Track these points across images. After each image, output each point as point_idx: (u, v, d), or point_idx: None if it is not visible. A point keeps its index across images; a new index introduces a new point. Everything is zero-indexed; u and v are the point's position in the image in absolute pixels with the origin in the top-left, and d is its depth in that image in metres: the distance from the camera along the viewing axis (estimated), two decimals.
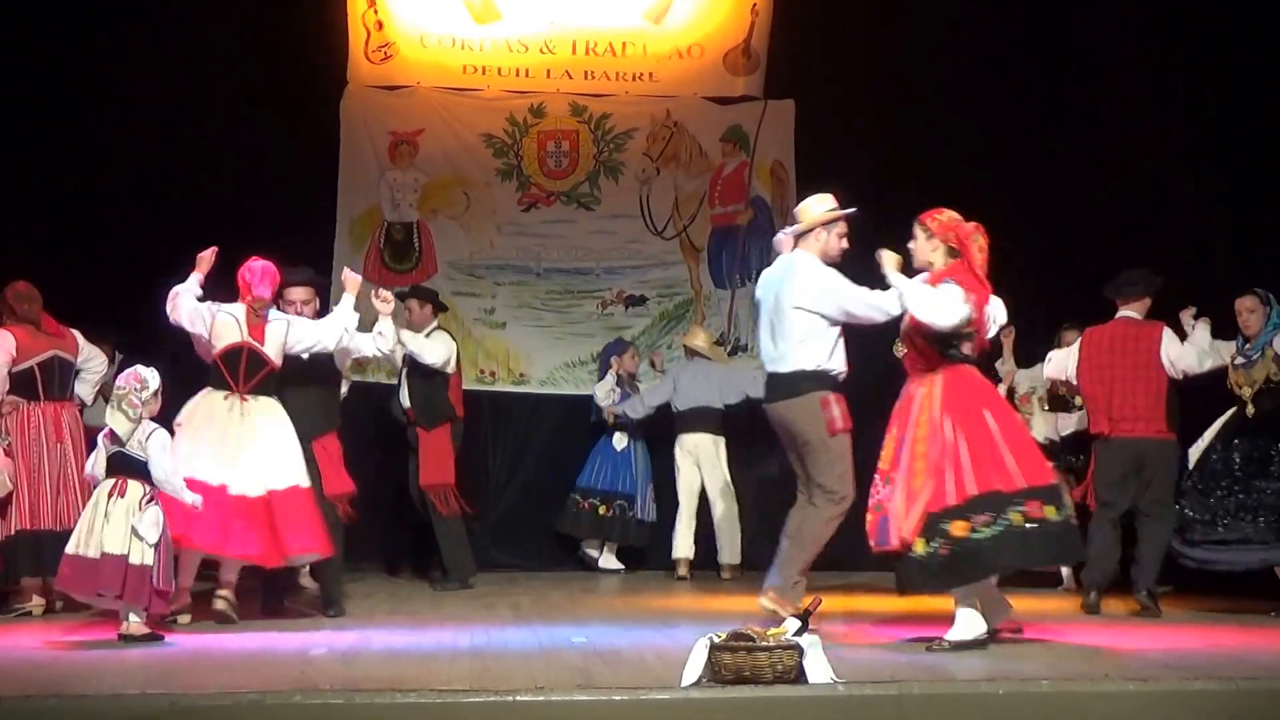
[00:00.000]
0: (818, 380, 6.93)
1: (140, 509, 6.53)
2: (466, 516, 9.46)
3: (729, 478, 10.26)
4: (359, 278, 7.83)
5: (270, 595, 7.79)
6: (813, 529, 6.94)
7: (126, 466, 6.64)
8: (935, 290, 6.47)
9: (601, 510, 10.33)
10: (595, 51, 10.95)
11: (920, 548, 6.30)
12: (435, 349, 9.09)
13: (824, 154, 10.77)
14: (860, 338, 7.18)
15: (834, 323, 6.95)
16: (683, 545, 10.20)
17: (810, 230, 7.15)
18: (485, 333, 10.76)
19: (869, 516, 6.53)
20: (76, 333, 8.13)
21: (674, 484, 10.32)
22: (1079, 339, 8.37)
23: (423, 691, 5.08)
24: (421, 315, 9.32)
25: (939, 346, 6.49)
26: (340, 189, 10.76)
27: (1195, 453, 8.08)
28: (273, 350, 7.45)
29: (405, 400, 9.27)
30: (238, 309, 7.47)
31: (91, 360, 8.08)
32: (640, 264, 10.95)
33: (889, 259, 6.62)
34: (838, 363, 7.02)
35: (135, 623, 6.55)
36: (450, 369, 9.22)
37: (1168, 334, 8.03)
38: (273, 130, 10.21)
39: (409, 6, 10.79)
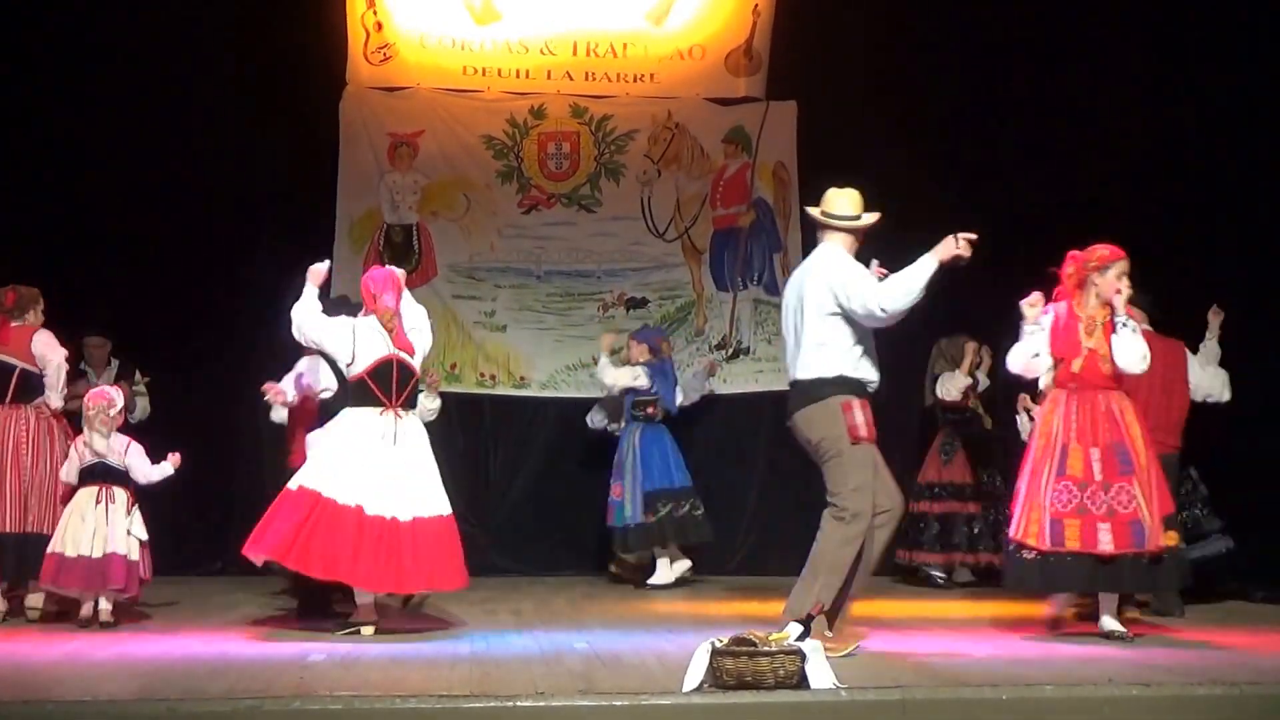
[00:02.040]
0: (841, 385, 6.45)
1: (128, 513, 7.37)
2: (466, 520, 9.48)
3: None
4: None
5: (310, 601, 7.65)
6: (824, 554, 6.35)
7: (107, 475, 7.43)
8: None
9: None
10: (596, 53, 10.93)
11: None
12: None
13: (826, 155, 10.74)
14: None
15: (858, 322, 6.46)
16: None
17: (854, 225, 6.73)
18: (485, 336, 10.73)
19: (1073, 521, 6.77)
20: (39, 337, 7.82)
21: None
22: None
23: (423, 697, 5.08)
24: None
25: None
26: (339, 191, 10.72)
27: None
28: (420, 360, 7.30)
29: None
30: (372, 321, 7.18)
31: (45, 367, 7.79)
32: (641, 266, 10.92)
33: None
34: (866, 370, 6.52)
35: (106, 609, 7.29)
36: None
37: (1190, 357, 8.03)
38: (272, 132, 10.19)
39: (408, 7, 10.76)
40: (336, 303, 9.25)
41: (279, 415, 8.06)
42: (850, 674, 5.38)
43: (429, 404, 7.81)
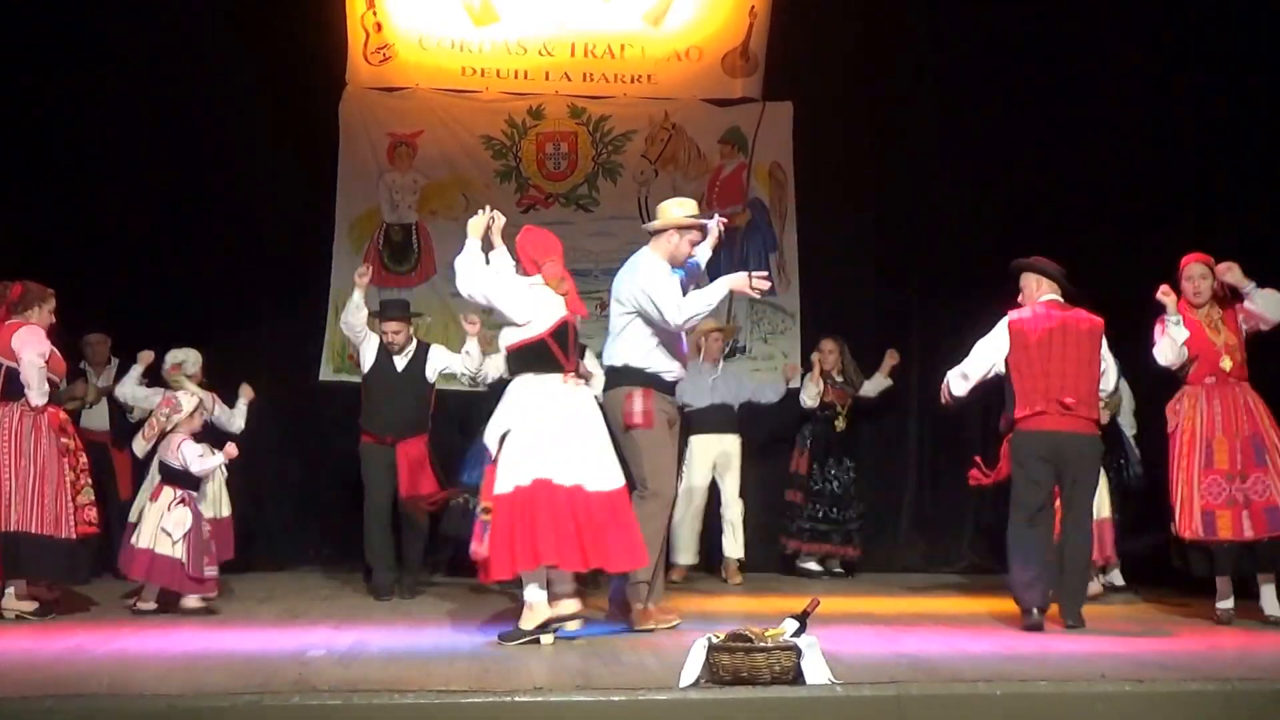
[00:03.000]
0: (630, 376, 7.11)
1: (169, 510, 7.79)
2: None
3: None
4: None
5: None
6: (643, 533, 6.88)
7: (163, 472, 8.05)
8: None
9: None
10: (594, 53, 10.96)
11: None
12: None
13: (822, 155, 10.80)
14: None
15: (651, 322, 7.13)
16: (690, 550, 10.00)
17: (664, 231, 7.30)
18: (484, 334, 10.74)
19: (1224, 512, 7.31)
20: (18, 334, 7.67)
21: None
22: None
23: (421, 692, 5.10)
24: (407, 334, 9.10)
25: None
26: (339, 190, 10.76)
27: None
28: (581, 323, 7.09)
29: None
30: (539, 280, 6.85)
31: (20, 364, 7.65)
32: None
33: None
34: (660, 362, 7.16)
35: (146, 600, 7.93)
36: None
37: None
38: (272, 132, 10.24)
39: (408, 8, 10.79)
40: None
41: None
42: (846, 670, 5.41)
43: (470, 347, 8.78)
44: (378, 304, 10.62)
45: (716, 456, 10.07)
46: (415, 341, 9.06)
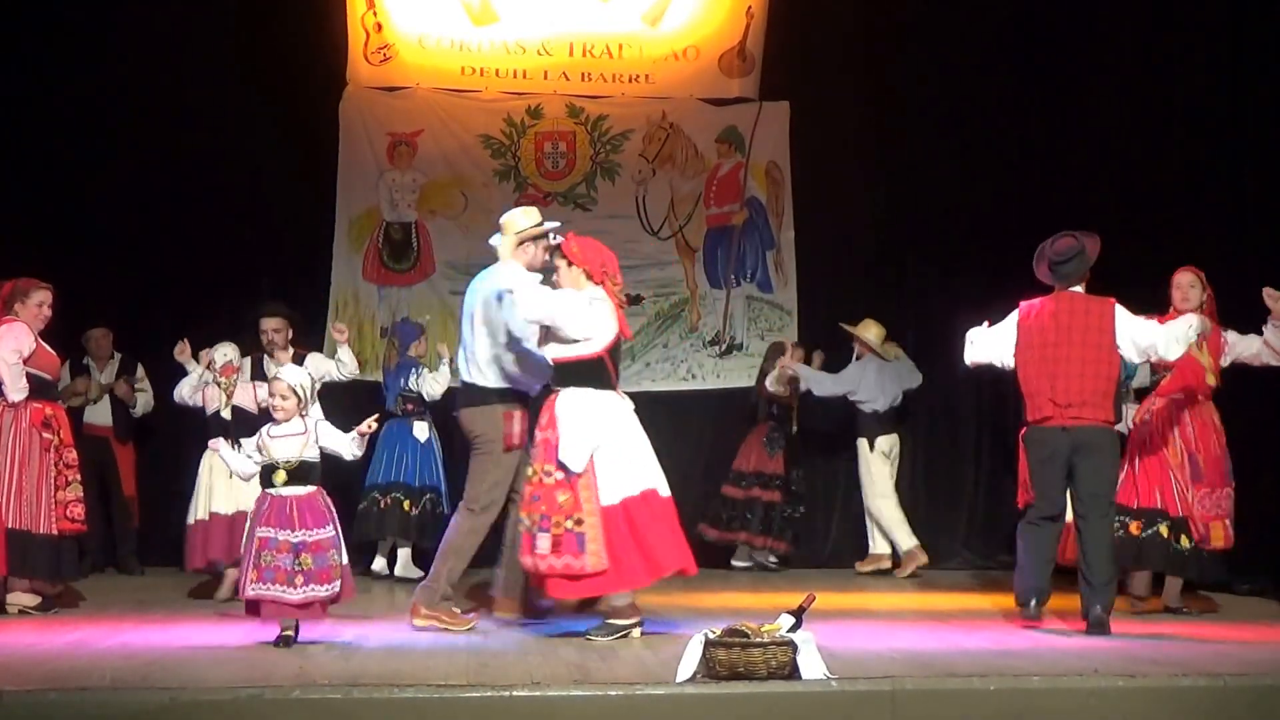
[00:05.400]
0: (505, 395, 7.04)
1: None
2: None
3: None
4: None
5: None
6: (452, 541, 7.09)
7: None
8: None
9: (407, 507, 9.50)
10: (592, 53, 11.00)
11: None
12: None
13: (819, 155, 10.83)
14: None
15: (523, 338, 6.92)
16: (910, 538, 10.06)
17: (520, 243, 6.93)
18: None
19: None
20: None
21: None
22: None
23: (420, 686, 5.14)
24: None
25: None
26: (339, 189, 10.80)
27: None
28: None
29: None
30: (599, 293, 6.71)
31: None
32: (636, 264, 10.93)
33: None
34: (527, 384, 7.08)
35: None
36: None
37: (1121, 311, 7.04)
38: (272, 131, 10.27)
39: (408, 8, 10.83)
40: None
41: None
42: (841, 665, 5.44)
43: (343, 355, 8.83)
44: (376, 302, 10.75)
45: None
46: (292, 350, 8.87)
